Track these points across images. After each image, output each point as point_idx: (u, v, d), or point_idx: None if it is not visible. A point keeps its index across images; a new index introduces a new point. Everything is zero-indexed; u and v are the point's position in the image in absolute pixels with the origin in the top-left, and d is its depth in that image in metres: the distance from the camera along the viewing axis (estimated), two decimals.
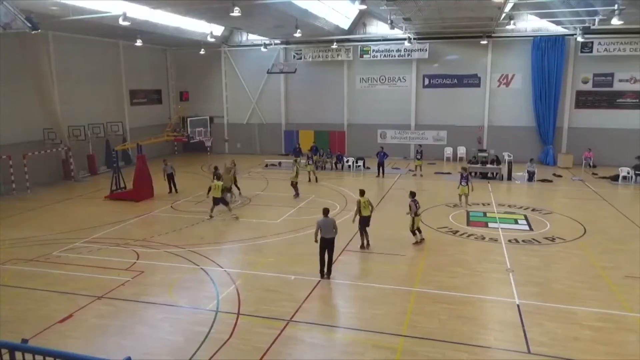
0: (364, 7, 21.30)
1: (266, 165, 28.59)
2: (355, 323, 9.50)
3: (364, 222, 13.68)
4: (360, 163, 27.20)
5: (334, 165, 27.69)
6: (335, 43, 30.29)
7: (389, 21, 22.50)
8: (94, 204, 19.95)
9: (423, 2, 20.11)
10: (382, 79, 31.50)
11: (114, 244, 14.33)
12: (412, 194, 14.37)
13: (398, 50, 30.09)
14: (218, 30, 30.61)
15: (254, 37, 32.29)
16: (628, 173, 23.41)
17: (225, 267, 12.39)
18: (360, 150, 29.85)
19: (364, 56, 30.85)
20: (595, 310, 9.92)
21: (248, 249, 14.10)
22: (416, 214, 14.09)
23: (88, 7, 20.31)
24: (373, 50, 30.60)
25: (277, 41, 31.69)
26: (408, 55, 30.01)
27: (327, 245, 11.42)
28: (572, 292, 10.82)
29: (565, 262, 12.77)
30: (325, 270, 11.53)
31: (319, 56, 31.60)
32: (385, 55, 30.49)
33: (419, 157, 25.47)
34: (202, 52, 31.46)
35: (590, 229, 15.68)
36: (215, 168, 19.13)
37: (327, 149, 29.87)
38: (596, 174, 25.13)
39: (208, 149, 32.13)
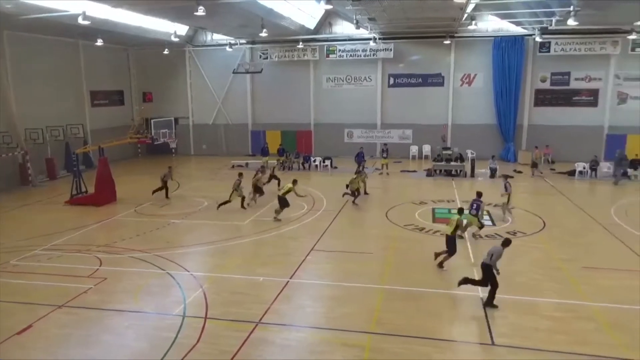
0: (329, 7, 21.32)
1: (233, 167, 28.32)
2: (325, 322, 9.53)
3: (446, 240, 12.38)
4: (328, 163, 27.29)
5: (301, 165, 27.70)
6: (301, 43, 30.29)
7: (354, 21, 22.67)
8: (53, 209, 19.28)
9: (388, 2, 20.35)
10: (349, 79, 31.71)
11: (75, 251, 13.90)
12: (478, 194, 14.85)
13: (364, 50, 30.36)
14: (182, 29, 30.08)
15: (218, 37, 31.90)
16: (584, 168, 24.38)
17: (191, 271, 12.21)
18: (327, 150, 29.96)
19: (330, 56, 30.98)
20: (555, 301, 10.29)
21: (215, 252, 13.92)
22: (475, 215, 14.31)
23: (45, 5, 19.59)
24: (339, 50, 30.77)
25: (243, 41, 31.44)
26: (373, 55, 30.32)
27: (483, 271, 10.30)
28: (533, 285, 11.19)
29: (526, 256, 13.17)
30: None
31: (285, 56, 31.53)
32: (351, 55, 30.72)
33: (385, 155, 25.78)
34: (165, 52, 30.88)
35: (550, 223, 16.24)
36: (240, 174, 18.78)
37: (294, 149, 29.84)
38: (554, 170, 26.05)
39: (173, 150, 31.63)
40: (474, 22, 25.65)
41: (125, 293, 10.95)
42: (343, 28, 30.26)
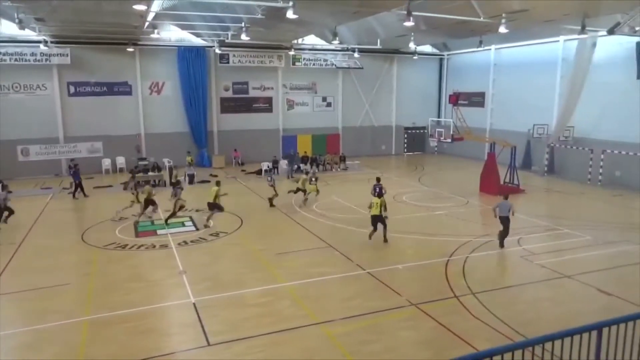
0: None
1: None
2: None
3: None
4: None
5: None
6: None
7: (16, 20, 19.36)
8: None
9: (57, 2, 18.18)
10: (16, 87, 27.05)
11: None
12: (378, 180, 17.39)
13: (33, 54, 26.45)
14: None
15: None
16: (268, 167, 27.79)
17: None
18: None
19: None
20: (258, 289, 11.43)
21: None
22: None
23: None
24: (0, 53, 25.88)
25: None
26: (46, 60, 26.76)
27: (502, 222, 13.99)
28: (238, 278, 12.14)
29: (229, 253, 14.20)
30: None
31: None
32: (16, 59, 26.26)
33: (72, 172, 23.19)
34: None
35: (246, 219, 17.87)
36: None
37: None
38: (244, 171, 28.84)
39: None
40: (156, 30, 25.65)
41: None
42: (3, 27, 25.46)
